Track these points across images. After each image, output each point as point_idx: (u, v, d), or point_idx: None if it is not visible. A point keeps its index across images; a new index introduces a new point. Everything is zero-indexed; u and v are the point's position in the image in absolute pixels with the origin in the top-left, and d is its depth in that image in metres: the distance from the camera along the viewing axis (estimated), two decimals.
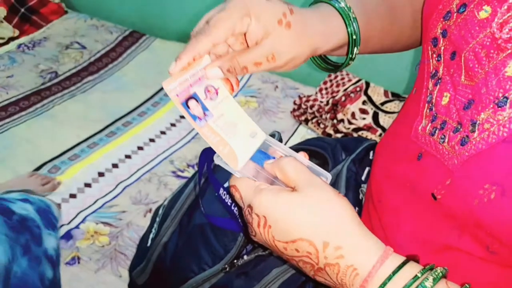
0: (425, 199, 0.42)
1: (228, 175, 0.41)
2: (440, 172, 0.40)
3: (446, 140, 0.40)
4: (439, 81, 0.43)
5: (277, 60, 0.40)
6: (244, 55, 0.39)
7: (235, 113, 0.41)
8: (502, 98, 0.36)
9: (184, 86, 0.38)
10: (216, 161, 0.40)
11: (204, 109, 0.39)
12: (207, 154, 0.44)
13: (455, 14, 0.41)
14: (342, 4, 0.44)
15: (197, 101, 0.39)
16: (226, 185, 0.64)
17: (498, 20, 0.37)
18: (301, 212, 0.35)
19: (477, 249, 0.39)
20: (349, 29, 0.44)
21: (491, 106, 0.36)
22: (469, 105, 0.39)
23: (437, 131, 0.42)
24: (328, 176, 0.40)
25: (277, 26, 0.39)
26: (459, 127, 0.39)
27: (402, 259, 0.35)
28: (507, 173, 0.34)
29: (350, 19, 0.44)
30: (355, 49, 0.45)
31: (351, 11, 0.44)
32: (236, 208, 0.52)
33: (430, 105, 0.43)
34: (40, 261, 0.70)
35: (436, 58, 0.43)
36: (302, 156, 0.41)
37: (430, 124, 0.43)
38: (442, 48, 0.42)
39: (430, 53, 0.44)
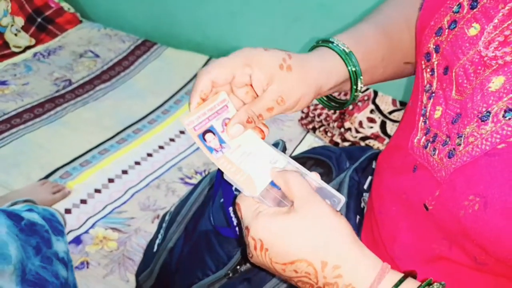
0: (419, 210, 0.42)
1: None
2: (431, 183, 0.41)
3: (437, 152, 0.41)
4: (433, 95, 0.44)
5: (287, 102, 0.42)
6: (256, 104, 0.41)
7: (253, 143, 0.42)
8: (485, 112, 0.37)
9: (201, 120, 0.40)
10: (227, 178, 0.41)
11: (221, 141, 0.40)
12: None
13: (446, 30, 0.42)
14: (339, 44, 0.46)
15: (214, 134, 0.40)
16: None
17: (484, 38, 0.38)
18: (298, 233, 0.36)
19: (466, 260, 0.40)
20: (346, 62, 0.46)
21: (475, 120, 0.37)
22: (457, 119, 0.40)
23: (429, 144, 0.43)
24: (342, 198, 0.40)
25: (279, 71, 0.41)
26: (448, 140, 0.40)
27: (399, 276, 0.35)
28: (489, 185, 0.35)
29: (346, 54, 0.45)
30: (359, 81, 0.47)
31: (346, 46, 0.46)
32: (236, 223, 0.52)
33: (424, 118, 0.44)
34: (51, 261, 0.72)
35: (430, 73, 0.44)
36: (315, 176, 0.41)
37: (424, 137, 0.44)
38: (436, 62, 0.43)
39: (423, 67, 0.45)
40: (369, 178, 0.61)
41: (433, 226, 0.41)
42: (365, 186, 0.60)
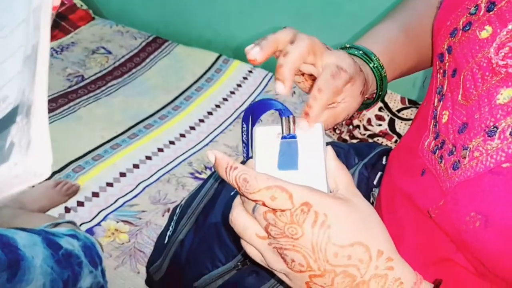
0: (425, 214, 0.43)
1: None
2: (436, 192, 0.41)
3: (443, 161, 0.41)
4: (443, 97, 0.43)
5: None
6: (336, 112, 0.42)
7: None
8: (492, 127, 0.36)
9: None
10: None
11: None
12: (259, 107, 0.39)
13: (460, 32, 0.42)
14: (376, 64, 0.47)
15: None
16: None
17: (495, 44, 0.37)
18: (359, 219, 0.33)
19: (469, 266, 0.40)
20: (379, 91, 0.48)
21: (482, 134, 0.37)
22: (463, 129, 0.39)
23: (437, 150, 0.43)
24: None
25: (359, 96, 0.43)
26: (454, 150, 0.40)
27: (431, 285, 0.34)
28: (491, 205, 0.35)
29: (382, 82, 0.48)
30: (379, 100, 0.50)
31: (383, 70, 0.47)
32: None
33: (435, 121, 0.44)
34: None
35: (442, 74, 0.44)
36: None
37: (433, 141, 0.44)
38: (447, 64, 0.43)
39: (437, 68, 0.45)
40: (379, 173, 0.61)
41: (440, 230, 0.42)
42: (375, 182, 0.60)
